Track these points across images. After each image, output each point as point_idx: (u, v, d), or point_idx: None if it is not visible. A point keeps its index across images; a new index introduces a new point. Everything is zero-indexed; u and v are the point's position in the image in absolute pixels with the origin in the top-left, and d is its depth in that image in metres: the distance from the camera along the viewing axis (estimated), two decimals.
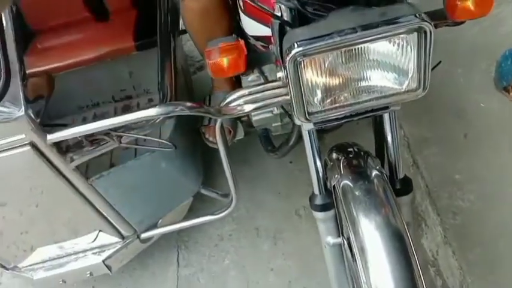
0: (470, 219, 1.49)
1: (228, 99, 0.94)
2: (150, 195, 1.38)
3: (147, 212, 1.40)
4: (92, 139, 1.06)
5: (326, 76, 0.73)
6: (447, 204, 1.54)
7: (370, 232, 0.83)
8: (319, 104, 0.76)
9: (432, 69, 1.52)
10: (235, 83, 1.53)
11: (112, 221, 1.31)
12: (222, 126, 1.18)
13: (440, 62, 1.56)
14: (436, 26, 0.78)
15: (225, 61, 0.75)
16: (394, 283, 0.77)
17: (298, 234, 1.62)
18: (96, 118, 1.82)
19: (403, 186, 0.99)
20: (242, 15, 1.09)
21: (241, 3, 1.08)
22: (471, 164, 1.61)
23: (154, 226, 1.43)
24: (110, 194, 1.23)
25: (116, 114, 1.86)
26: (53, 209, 1.24)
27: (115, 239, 1.38)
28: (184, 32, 1.62)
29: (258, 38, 1.08)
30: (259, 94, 0.94)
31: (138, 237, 1.41)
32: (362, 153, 0.99)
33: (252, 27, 1.07)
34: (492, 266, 1.39)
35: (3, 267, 1.40)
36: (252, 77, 1.36)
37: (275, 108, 1.44)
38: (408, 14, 0.67)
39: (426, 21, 0.67)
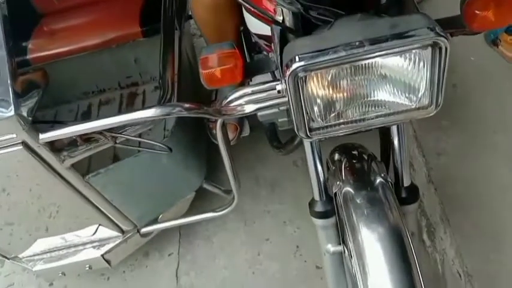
0: (452, 160, 1.53)
1: (230, 98, 0.87)
2: (150, 190, 1.34)
3: (147, 207, 1.37)
4: (86, 137, 1.02)
5: (329, 89, 0.67)
6: (433, 147, 1.57)
7: (371, 242, 0.78)
8: (322, 119, 0.69)
9: None
10: None
11: (111, 216, 1.28)
12: (223, 124, 1.12)
13: None
14: (451, 35, 0.71)
15: (219, 71, 0.69)
16: None
17: (294, 183, 1.68)
18: (101, 105, 1.79)
19: (409, 195, 0.92)
20: (245, 13, 1.02)
21: None
22: (457, 111, 1.64)
23: (155, 221, 1.41)
24: (108, 191, 1.20)
25: (121, 101, 1.83)
26: (51, 204, 1.22)
27: (115, 233, 1.35)
28: (190, 17, 1.55)
29: (260, 37, 1.02)
30: (263, 94, 0.89)
31: (138, 231, 1.39)
32: (366, 156, 0.92)
33: (255, 25, 0.99)
34: (468, 200, 1.42)
35: (4, 256, 1.39)
36: None
37: None
38: (422, 26, 0.60)
39: (442, 36, 0.59)
